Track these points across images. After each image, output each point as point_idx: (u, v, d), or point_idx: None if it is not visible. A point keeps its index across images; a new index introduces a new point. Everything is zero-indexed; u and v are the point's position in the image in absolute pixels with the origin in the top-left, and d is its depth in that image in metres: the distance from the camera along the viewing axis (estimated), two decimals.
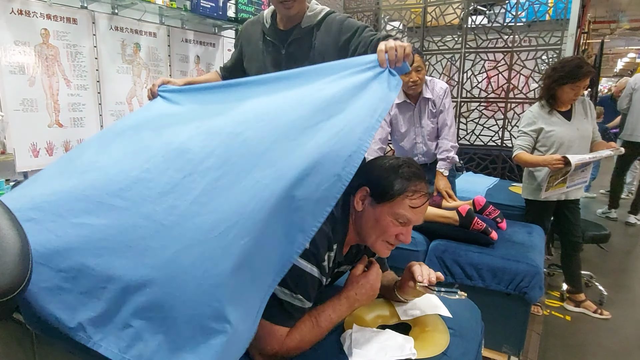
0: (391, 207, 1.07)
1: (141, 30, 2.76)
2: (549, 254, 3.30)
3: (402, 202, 1.07)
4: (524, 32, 3.30)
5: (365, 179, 1.11)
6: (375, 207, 1.09)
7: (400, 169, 1.09)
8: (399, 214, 1.07)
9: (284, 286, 0.98)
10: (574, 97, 2.31)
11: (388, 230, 1.08)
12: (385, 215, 1.08)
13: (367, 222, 1.11)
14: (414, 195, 1.07)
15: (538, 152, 2.40)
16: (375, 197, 1.09)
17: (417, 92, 2.39)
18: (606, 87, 12.94)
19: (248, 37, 1.77)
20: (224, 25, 3.29)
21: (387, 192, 1.07)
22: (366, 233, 1.12)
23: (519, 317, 1.98)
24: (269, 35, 1.69)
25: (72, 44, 2.40)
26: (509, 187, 3.18)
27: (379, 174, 1.10)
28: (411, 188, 1.07)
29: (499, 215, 2.29)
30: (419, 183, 1.09)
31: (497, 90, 3.46)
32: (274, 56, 1.69)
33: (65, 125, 2.42)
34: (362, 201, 1.11)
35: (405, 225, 1.09)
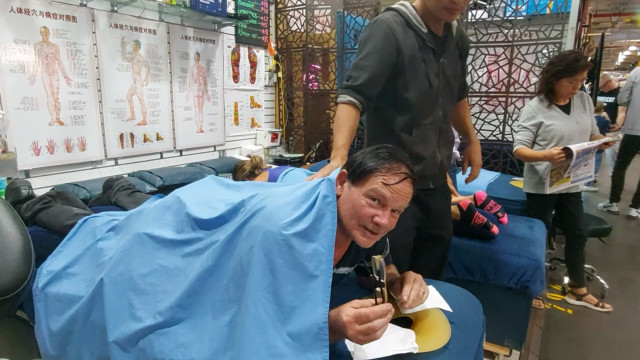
0: (364, 185, 1.05)
1: (141, 28, 2.76)
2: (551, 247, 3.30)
3: (375, 179, 1.04)
4: (525, 26, 3.29)
5: (346, 163, 1.13)
6: (351, 189, 1.07)
7: (377, 150, 1.09)
8: (372, 190, 1.04)
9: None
10: (573, 91, 2.30)
11: (362, 211, 1.04)
12: (358, 194, 1.05)
13: (344, 206, 1.08)
14: (387, 172, 1.04)
15: (538, 146, 2.40)
16: (352, 177, 1.08)
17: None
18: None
19: (402, 41, 1.45)
20: (223, 22, 3.28)
21: (361, 170, 1.06)
22: (345, 220, 1.08)
23: (521, 310, 1.99)
24: (429, 42, 1.48)
25: (72, 42, 2.40)
26: (510, 181, 3.17)
27: (357, 155, 1.11)
28: (385, 165, 1.05)
29: (500, 209, 2.29)
30: (395, 163, 1.06)
31: (498, 84, 3.44)
32: (434, 65, 1.50)
33: (66, 123, 2.42)
34: (341, 185, 1.11)
35: (382, 206, 1.05)
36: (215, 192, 1.38)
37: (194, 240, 1.19)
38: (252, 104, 3.89)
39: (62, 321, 1.27)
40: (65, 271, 1.38)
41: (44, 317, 1.33)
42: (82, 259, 1.40)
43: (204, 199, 1.30)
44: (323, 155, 4.33)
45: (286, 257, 0.96)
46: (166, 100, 3.01)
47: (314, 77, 4.26)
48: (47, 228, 1.71)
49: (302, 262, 0.96)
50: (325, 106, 4.29)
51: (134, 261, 1.21)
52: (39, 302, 1.36)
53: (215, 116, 3.45)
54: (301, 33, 4.06)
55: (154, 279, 1.16)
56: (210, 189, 1.41)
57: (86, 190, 2.32)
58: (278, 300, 0.94)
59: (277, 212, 1.03)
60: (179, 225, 1.24)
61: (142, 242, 1.23)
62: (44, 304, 1.34)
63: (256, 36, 3.79)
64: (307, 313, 0.92)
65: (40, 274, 1.40)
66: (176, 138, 3.12)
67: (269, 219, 1.02)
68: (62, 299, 1.30)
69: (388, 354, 0.99)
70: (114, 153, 2.70)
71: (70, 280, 1.34)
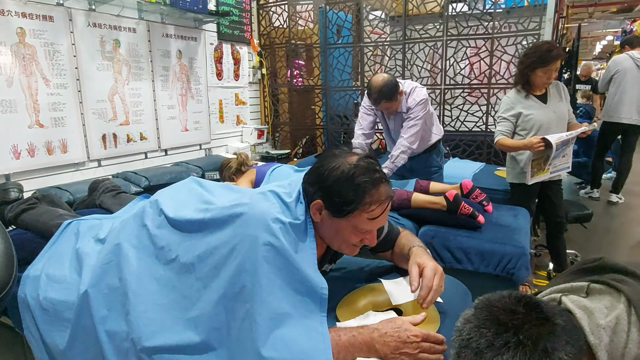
0: (349, 221, 1.03)
1: (120, 26, 2.72)
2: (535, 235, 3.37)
3: (360, 215, 1.02)
4: (504, 18, 3.33)
5: (319, 188, 1.05)
6: (332, 219, 1.05)
7: (354, 177, 1.00)
8: (358, 226, 1.04)
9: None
10: (547, 81, 2.35)
11: (350, 239, 1.06)
12: (344, 227, 1.05)
13: (327, 231, 1.08)
14: (370, 206, 1.01)
15: (518, 136, 2.44)
16: (331, 210, 1.04)
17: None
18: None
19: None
20: (204, 19, 3.25)
21: (342, 209, 1.01)
22: (329, 241, 1.10)
23: None
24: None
25: (49, 42, 2.35)
26: (494, 171, 3.22)
27: (332, 185, 1.02)
28: (367, 200, 1.00)
29: (485, 198, 2.33)
30: (375, 191, 1.01)
31: (480, 76, 3.49)
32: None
33: (46, 125, 2.38)
34: (319, 212, 1.07)
35: (368, 232, 1.06)
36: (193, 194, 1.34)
37: (171, 245, 1.13)
38: (236, 101, 3.86)
39: (53, 329, 1.24)
40: (50, 277, 1.33)
41: (32, 324, 1.30)
42: (66, 265, 1.36)
43: (182, 202, 1.26)
44: (310, 150, 4.33)
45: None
46: (149, 99, 2.97)
47: (298, 73, 4.25)
48: (30, 229, 1.67)
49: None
50: (310, 102, 4.29)
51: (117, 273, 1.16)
52: (25, 310, 1.32)
53: (200, 114, 3.43)
54: (284, 29, 4.04)
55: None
56: (188, 191, 1.37)
57: (69, 193, 2.28)
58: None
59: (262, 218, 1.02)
60: (158, 231, 1.19)
61: (123, 253, 1.19)
62: (31, 311, 1.31)
63: (239, 33, 3.76)
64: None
65: (26, 279, 1.37)
66: (160, 137, 3.09)
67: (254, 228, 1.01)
68: (49, 306, 1.26)
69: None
70: (96, 154, 2.66)
71: (55, 286, 1.30)
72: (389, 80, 2.30)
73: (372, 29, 3.97)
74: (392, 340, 0.93)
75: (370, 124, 2.57)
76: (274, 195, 1.10)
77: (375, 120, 2.60)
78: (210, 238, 1.06)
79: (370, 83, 2.36)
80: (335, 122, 4.18)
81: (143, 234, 1.19)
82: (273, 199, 1.09)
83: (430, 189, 2.42)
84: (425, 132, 2.57)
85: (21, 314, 1.32)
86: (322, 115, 4.23)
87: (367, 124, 2.56)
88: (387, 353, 0.93)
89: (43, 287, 1.30)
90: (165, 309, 1.04)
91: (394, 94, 2.32)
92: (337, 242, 1.09)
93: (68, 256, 1.38)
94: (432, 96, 3.54)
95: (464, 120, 3.59)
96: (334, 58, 3.94)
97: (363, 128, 2.56)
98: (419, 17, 3.65)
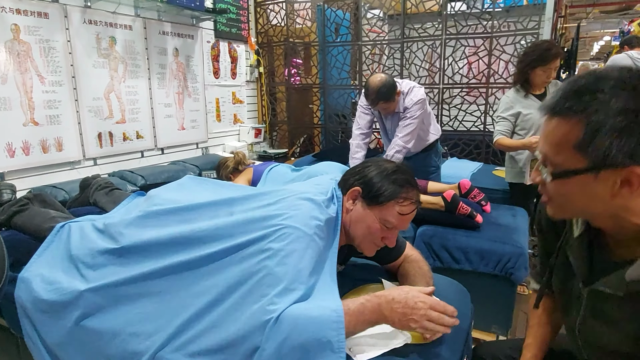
0: (380, 211, 1.10)
1: (116, 23, 2.69)
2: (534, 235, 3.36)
3: (392, 207, 1.10)
4: (503, 17, 3.32)
5: (359, 179, 1.15)
6: (365, 209, 1.12)
7: (394, 174, 1.12)
8: (387, 219, 1.10)
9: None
10: (547, 80, 2.34)
11: (375, 233, 1.12)
12: (374, 217, 1.11)
13: (355, 222, 1.14)
14: (404, 202, 1.10)
15: (517, 136, 2.43)
16: (367, 199, 1.12)
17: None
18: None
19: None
20: (202, 17, 3.23)
21: (378, 195, 1.10)
22: (354, 232, 1.15)
23: (506, 297, 2.02)
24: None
25: (44, 39, 2.33)
26: (492, 171, 3.22)
27: (372, 177, 1.13)
28: (402, 195, 1.10)
29: (483, 198, 2.32)
30: (411, 190, 1.12)
31: (478, 75, 3.48)
32: None
33: (41, 123, 2.35)
34: (353, 200, 1.15)
35: (392, 230, 1.12)
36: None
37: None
38: (234, 99, 3.84)
39: (52, 330, 1.21)
40: (44, 279, 1.30)
41: (30, 327, 1.27)
42: (60, 268, 1.33)
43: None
44: (307, 150, 4.32)
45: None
46: (145, 97, 2.94)
47: (296, 71, 4.23)
48: (23, 231, 1.65)
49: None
50: (308, 101, 4.27)
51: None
52: (23, 315, 1.29)
53: (197, 113, 3.40)
54: (282, 27, 4.02)
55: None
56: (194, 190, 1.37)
57: (65, 191, 2.26)
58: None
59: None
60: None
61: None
62: (28, 315, 1.28)
63: (236, 31, 3.74)
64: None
65: (21, 284, 1.33)
66: (157, 136, 3.06)
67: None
68: (46, 308, 1.23)
69: (386, 349, 1.00)
70: (92, 153, 2.64)
71: (49, 288, 1.27)
72: (387, 80, 2.28)
73: (371, 28, 3.96)
74: (399, 307, 0.93)
75: (368, 123, 2.55)
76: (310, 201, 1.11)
77: (372, 120, 2.59)
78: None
79: (367, 84, 2.33)
80: (334, 121, 4.16)
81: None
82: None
83: (429, 189, 2.40)
84: (422, 131, 2.55)
85: (20, 319, 1.29)
86: (320, 114, 4.21)
87: (365, 124, 2.54)
88: (394, 320, 0.93)
89: (37, 289, 1.27)
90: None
91: (392, 95, 2.30)
92: (361, 235, 1.14)
93: (62, 260, 1.35)
94: (430, 95, 3.53)
95: (462, 119, 3.58)
96: (332, 57, 3.92)
97: (361, 128, 2.54)
98: (417, 15, 3.64)
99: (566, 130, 0.65)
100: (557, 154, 0.68)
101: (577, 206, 0.72)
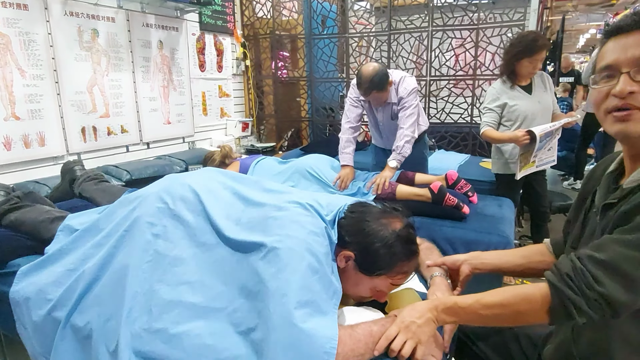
0: (372, 280, 1.05)
1: (98, 15, 2.64)
2: (520, 226, 3.40)
3: (385, 280, 1.05)
4: (489, 9, 3.33)
5: (356, 242, 1.05)
6: (357, 272, 1.05)
7: (394, 246, 1.02)
8: (378, 287, 1.06)
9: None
10: (533, 71, 2.35)
11: (364, 293, 1.08)
12: (365, 283, 1.06)
13: (346, 280, 1.06)
14: (398, 275, 1.05)
15: (504, 127, 2.45)
16: (360, 266, 1.04)
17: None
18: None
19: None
20: (186, 8, 3.18)
21: (372, 266, 1.03)
22: (345, 288, 1.05)
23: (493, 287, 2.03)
24: None
25: (24, 31, 2.27)
26: (479, 162, 3.24)
27: (370, 243, 1.03)
28: (396, 269, 1.03)
29: (470, 189, 2.33)
30: (407, 263, 1.05)
31: (465, 67, 3.49)
32: None
33: (22, 117, 2.30)
34: (345, 261, 1.06)
35: (383, 294, 1.09)
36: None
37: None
38: (220, 93, 3.81)
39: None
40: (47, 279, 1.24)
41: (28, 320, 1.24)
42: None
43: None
44: (295, 143, 4.30)
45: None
46: (129, 91, 2.90)
47: (283, 64, 4.20)
48: (18, 228, 1.60)
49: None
50: (296, 94, 4.25)
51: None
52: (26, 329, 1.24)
53: (183, 106, 3.36)
54: (268, 19, 3.99)
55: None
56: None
57: (48, 187, 2.22)
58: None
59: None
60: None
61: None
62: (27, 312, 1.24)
63: (221, 23, 3.70)
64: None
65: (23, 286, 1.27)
66: (142, 130, 3.02)
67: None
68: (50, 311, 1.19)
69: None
70: (76, 148, 2.60)
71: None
72: (380, 69, 2.26)
73: (357, 20, 3.94)
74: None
75: (357, 116, 2.54)
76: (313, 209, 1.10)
77: (362, 113, 2.57)
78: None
79: (360, 73, 2.31)
80: (321, 114, 4.15)
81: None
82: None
83: (416, 180, 2.41)
84: None
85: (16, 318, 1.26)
86: (308, 108, 4.19)
87: (355, 117, 2.53)
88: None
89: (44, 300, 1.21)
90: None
91: (384, 84, 2.29)
92: (351, 292, 1.09)
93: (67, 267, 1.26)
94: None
95: (449, 112, 3.59)
96: (318, 49, 3.90)
97: (350, 121, 2.53)
98: (404, 7, 3.63)
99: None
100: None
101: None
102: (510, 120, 2.41)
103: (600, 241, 0.76)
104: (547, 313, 0.78)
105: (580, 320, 0.74)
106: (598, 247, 0.75)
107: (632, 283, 0.70)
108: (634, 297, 0.71)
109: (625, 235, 0.73)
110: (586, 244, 0.87)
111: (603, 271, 0.72)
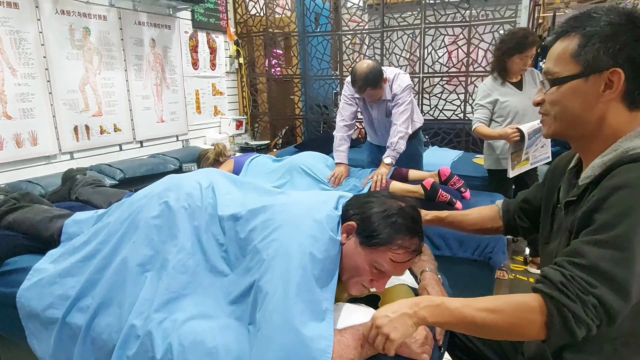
0: (372, 252, 1.02)
1: (90, 14, 2.63)
2: None
3: (384, 253, 1.01)
4: (481, 6, 3.34)
5: (358, 213, 1.06)
6: (357, 246, 1.03)
7: (395, 217, 1.02)
8: (378, 263, 1.02)
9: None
10: (523, 67, 2.38)
11: (363, 274, 1.03)
12: (364, 258, 1.02)
13: (345, 257, 1.05)
14: (398, 249, 1.00)
15: (495, 123, 2.47)
16: (361, 236, 1.03)
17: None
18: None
19: None
20: (178, 6, 3.17)
21: (372, 237, 1.01)
22: (342, 267, 1.06)
23: (486, 281, 2.06)
24: None
25: (15, 30, 2.26)
26: (472, 159, 3.26)
27: (371, 215, 1.04)
28: (397, 242, 1.00)
29: (462, 185, 2.35)
30: (409, 238, 1.02)
31: (458, 64, 3.51)
32: None
33: (14, 117, 2.29)
34: (347, 234, 1.06)
35: (382, 275, 1.04)
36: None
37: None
38: (214, 91, 3.80)
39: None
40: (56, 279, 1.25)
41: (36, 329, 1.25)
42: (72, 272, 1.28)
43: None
44: (289, 141, 4.31)
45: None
46: (122, 89, 2.89)
47: (277, 62, 4.20)
48: (17, 229, 1.59)
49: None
50: (290, 92, 4.25)
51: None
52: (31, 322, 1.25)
53: (176, 105, 3.36)
54: (261, 17, 3.98)
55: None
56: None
57: (40, 186, 2.21)
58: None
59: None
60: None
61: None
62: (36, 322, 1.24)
63: (214, 21, 3.69)
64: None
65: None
66: (135, 129, 3.02)
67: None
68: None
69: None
70: (68, 147, 2.58)
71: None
72: (374, 66, 2.27)
73: (350, 17, 3.95)
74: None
75: (351, 114, 2.55)
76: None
77: (356, 111, 2.58)
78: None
79: (354, 70, 2.32)
80: (315, 112, 4.15)
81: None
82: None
83: (409, 177, 2.43)
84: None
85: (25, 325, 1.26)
86: (302, 105, 4.20)
87: (349, 115, 2.54)
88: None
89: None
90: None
91: (379, 81, 2.30)
92: (349, 272, 1.05)
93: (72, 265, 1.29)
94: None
95: (442, 108, 3.61)
96: (312, 47, 3.91)
97: (344, 119, 2.53)
98: (397, 4, 3.65)
99: (565, 45, 0.82)
100: (556, 65, 0.84)
101: (569, 115, 0.85)
102: (502, 116, 2.43)
103: (574, 248, 0.76)
104: (544, 326, 0.74)
105: (580, 332, 0.71)
106: (575, 253, 0.75)
107: (619, 285, 0.70)
108: (625, 297, 0.70)
109: (597, 236, 0.73)
110: (556, 238, 0.90)
111: (593, 275, 0.71)
